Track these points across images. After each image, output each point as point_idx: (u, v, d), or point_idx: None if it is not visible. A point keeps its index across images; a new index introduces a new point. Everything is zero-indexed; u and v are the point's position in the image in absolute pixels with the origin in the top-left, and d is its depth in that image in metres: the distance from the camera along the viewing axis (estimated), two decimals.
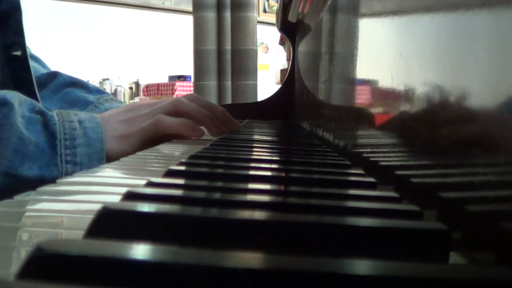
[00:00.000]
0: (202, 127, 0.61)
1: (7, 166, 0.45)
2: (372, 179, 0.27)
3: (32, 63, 0.76)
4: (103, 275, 0.11)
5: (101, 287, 0.11)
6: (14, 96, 0.47)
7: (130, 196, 0.19)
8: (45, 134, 0.47)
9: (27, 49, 0.75)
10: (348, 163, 0.35)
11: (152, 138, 0.53)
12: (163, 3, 4.33)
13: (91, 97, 0.71)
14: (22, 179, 0.45)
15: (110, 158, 0.49)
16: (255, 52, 2.71)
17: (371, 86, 0.35)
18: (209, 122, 0.56)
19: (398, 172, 0.28)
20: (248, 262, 0.11)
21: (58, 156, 0.47)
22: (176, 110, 0.54)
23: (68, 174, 0.46)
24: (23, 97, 0.49)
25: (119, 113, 0.55)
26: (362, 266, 0.12)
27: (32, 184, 0.45)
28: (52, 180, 0.46)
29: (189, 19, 2.76)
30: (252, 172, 0.29)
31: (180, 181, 0.24)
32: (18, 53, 0.64)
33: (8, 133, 0.45)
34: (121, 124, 0.53)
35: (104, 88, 3.55)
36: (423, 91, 0.23)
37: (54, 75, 0.77)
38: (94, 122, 0.51)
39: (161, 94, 3.60)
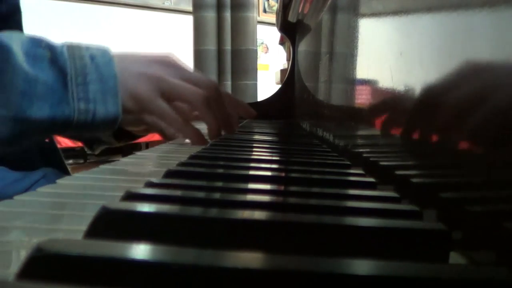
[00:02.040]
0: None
1: (16, 110, 0.42)
2: (372, 179, 0.27)
3: None
4: (103, 275, 0.11)
5: (101, 287, 0.11)
6: (12, 37, 0.44)
7: (130, 196, 0.19)
8: (54, 71, 0.44)
9: None
10: (348, 163, 0.35)
11: (147, 113, 0.51)
12: (163, 3, 4.34)
13: None
14: (33, 121, 0.42)
15: None
16: (255, 52, 2.71)
17: (371, 86, 0.35)
18: (216, 131, 0.54)
19: (398, 172, 0.28)
20: (248, 262, 0.11)
21: (70, 94, 0.44)
22: (195, 106, 0.51)
23: (81, 112, 0.45)
24: (26, 35, 0.46)
25: (141, 61, 0.51)
26: (362, 266, 0.12)
27: (44, 127, 0.43)
28: (65, 121, 0.44)
29: (189, 19, 2.76)
30: (252, 172, 0.29)
31: (180, 182, 0.24)
32: None
33: (11, 76, 0.42)
34: (135, 78, 0.49)
35: None
36: (423, 91, 0.23)
37: None
38: (106, 57, 0.48)
39: None
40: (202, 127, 0.54)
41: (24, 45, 0.44)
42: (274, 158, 0.39)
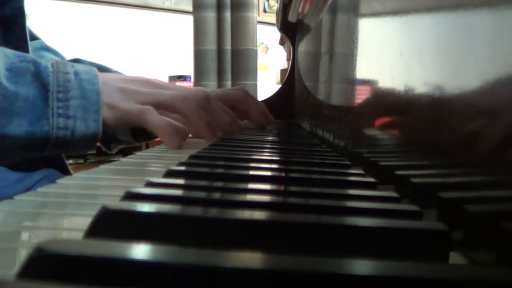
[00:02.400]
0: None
1: None
2: (372, 179, 0.27)
3: (51, 56, 0.75)
4: (103, 275, 0.11)
5: (101, 287, 0.11)
6: None
7: (130, 196, 0.19)
8: (36, 85, 0.44)
9: (43, 42, 0.75)
10: (348, 163, 0.35)
11: (135, 124, 0.50)
12: (163, 3, 4.33)
13: None
14: (12, 137, 0.42)
15: None
16: (255, 52, 2.71)
17: (371, 86, 0.35)
18: (204, 129, 0.52)
19: (398, 172, 0.28)
20: (248, 262, 0.11)
21: (50, 110, 0.44)
22: (173, 105, 0.51)
23: (60, 128, 0.44)
24: (11, 51, 0.45)
25: (122, 79, 0.52)
26: (362, 266, 0.12)
27: (23, 143, 0.42)
28: (44, 137, 0.44)
29: (189, 19, 2.76)
30: (252, 172, 0.29)
31: (180, 181, 0.24)
32: None
33: None
34: (117, 92, 0.49)
35: None
36: (423, 91, 0.23)
37: (76, 61, 0.76)
38: (91, 74, 0.47)
39: None
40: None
41: (9, 59, 0.44)
42: (274, 158, 0.39)
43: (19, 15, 0.63)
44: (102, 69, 0.75)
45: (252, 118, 0.71)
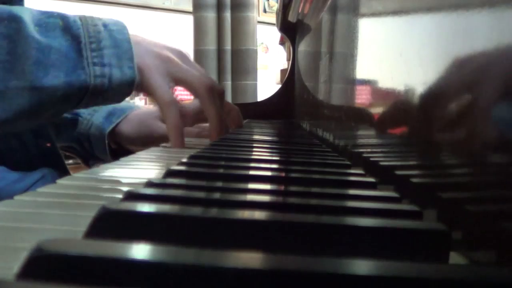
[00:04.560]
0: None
1: (32, 80, 0.42)
2: (372, 179, 0.27)
3: None
4: (103, 275, 0.11)
5: (101, 287, 0.11)
6: (22, 9, 0.44)
7: (130, 196, 0.19)
8: (67, 38, 0.44)
9: None
10: (348, 163, 0.35)
11: (151, 97, 0.50)
12: (163, 3, 4.33)
13: None
14: (50, 89, 0.43)
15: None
16: (255, 52, 2.71)
17: (371, 86, 0.35)
18: (218, 125, 0.53)
19: (398, 172, 0.28)
20: (248, 262, 0.11)
21: (85, 60, 0.44)
22: (196, 92, 0.51)
23: (97, 76, 0.45)
24: (36, 9, 0.46)
25: (154, 43, 0.51)
26: (362, 266, 0.12)
27: (62, 95, 0.43)
28: (81, 87, 0.44)
29: (189, 19, 2.76)
30: (252, 172, 0.29)
31: (180, 181, 0.24)
32: None
33: (24, 46, 0.42)
34: (149, 56, 0.49)
35: None
36: (423, 91, 0.23)
37: None
38: (119, 25, 0.48)
39: None
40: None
41: (36, 16, 0.45)
42: (274, 158, 0.39)
43: None
44: None
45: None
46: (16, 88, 0.42)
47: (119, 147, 0.71)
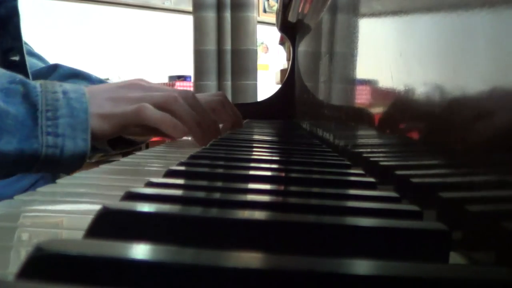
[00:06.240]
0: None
1: None
2: (372, 179, 0.27)
3: (34, 61, 0.75)
4: (103, 275, 0.11)
5: (101, 287, 0.11)
6: None
7: (130, 196, 0.19)
8: (25, 105, 0.44)
9: (28, 46, 0.75)
10: (348, 163, 0.35)
11: (133, 125, 0.50)
12: (163, 3, 4.33)
13: None
14: (1, 153, 0.42)
15: (92, 136, 0.47)
16: (255, 52, 2.71)
17: (371, 86, 0.35)
18: (195, 129, 0.53)
19: (398, 172, 0.28)
20: (248, 262, 0.11)
21: (39, 128, 0.44)
22: (165, 105, 0.51)
23: (50, 146, 0.44)
24: (2, 70, 0.47)
25: (109, 89, 0.52)
26: (362, 266, 0.12)
27: (12, 160, 0.43)
28: (33, 155, 0.45)
29: (189, 19, 2.76)
30: (252, 172, 0.29)
31: (180, 181, 0.24)
32: (16, 58, 0.64)
33: None
34: (108, 102, 0.50)
35: None
36: (423, 91, 0.23)
37: (55, 67, 0.76)
38: (79, 92, 0.48)
39: None
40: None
41: (1, 78, 0.45)
42: (274, 158, 0.39)
43: (13, 14, 0.63)
44: (81, 75, 0.75)
45: (224, 126, 0.70)
46: None
47: (118, 137, 0.71)
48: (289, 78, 1.12)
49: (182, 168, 0.28)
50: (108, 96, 0.50)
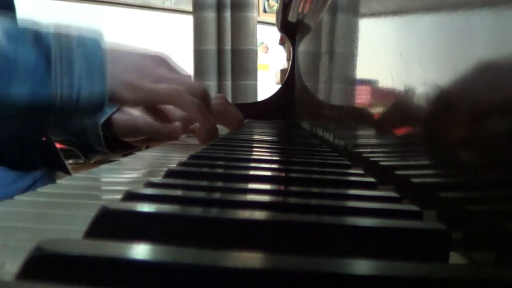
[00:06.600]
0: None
1: None
2: (372, 179, 0.27)
3: None
4: (103, 275, 0.11)
5: (101, 287, 0.11)
6: None
7: (130, 196, 0.19)
8: (37, 48, 0.43)
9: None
10: (348, 163, 0.35)
11: (156, 104, 0.49)
12: (163, 3, 4.33)
13: None
14: (13, 100, 0.41)
15: (112, 98, 0.46)
16: (255, 52, 2.71)
17: (371, 86, 0.35)
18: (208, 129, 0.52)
19: (398, 172, 0.28)
20: (248, 262, 0.11)
21: (53, 70, 0.43)
22: (198, 96, 0.50)
23: (65, 88, 0.43)
24: (8, 19, 0.45)
25: (135, 55, 0.50)
26: (362, 266, 0.12)
27: (26, 107, 0.42)
28: (48, 99, 0.43)
29: (189, 19, 2.75)
30: (252, 172, 0.29)
31: (180, 182, 0.24)
32: None
33: None
34: (133, 69, 0.48)
35: None
36: (423, 91, 0.23)
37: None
38: (95, 36, 0.47)
39: None
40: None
41: (6, 24, 0.43)
42: (274, 158, 0.39)
43: (9, 8, 0.63)
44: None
45: (229, 129, 0.70)
46: None
47: (116, 139, 0.70)
48: (289, 78, 1.12)
49: (182, 168, 0.28)
50: (135, 62, 0.49)
